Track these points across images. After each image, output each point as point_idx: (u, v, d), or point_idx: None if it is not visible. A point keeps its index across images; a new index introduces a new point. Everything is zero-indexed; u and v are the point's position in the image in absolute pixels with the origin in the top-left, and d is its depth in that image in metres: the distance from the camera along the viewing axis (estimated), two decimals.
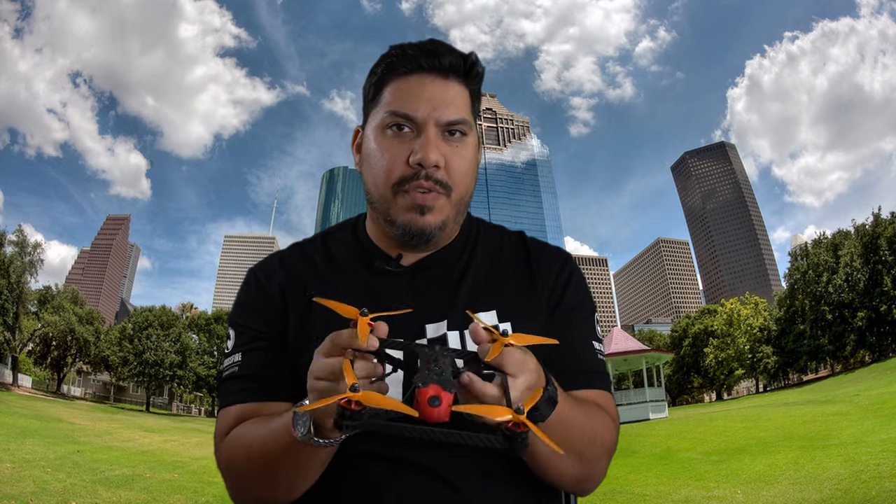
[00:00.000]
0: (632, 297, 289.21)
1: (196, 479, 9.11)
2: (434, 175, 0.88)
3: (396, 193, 0.89)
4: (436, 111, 0.88)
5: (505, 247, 1.03)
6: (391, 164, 0.89)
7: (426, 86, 0.89)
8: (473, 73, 0.93)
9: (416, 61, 0.89)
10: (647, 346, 31.74)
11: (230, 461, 0.88)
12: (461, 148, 0.91)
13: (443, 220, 0.91)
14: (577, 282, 1.01)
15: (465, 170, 0.91)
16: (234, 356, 0.95)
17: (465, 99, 0.92)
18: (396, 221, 0.91)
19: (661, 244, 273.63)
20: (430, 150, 0.86)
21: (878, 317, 34.98)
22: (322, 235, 1.05)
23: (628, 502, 6.92)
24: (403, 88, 0.89)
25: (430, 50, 0.90)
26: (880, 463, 6.78)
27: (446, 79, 0.90)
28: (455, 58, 0.90)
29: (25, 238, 37.70)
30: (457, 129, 0.90)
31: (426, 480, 0.83)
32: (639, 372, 29.73)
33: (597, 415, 0.88)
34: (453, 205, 0.92)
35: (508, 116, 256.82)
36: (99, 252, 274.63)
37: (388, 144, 0.89)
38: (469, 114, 0.92)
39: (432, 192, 0.89)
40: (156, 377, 42.50)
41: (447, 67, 0.90)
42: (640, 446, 12.42)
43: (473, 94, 0.94)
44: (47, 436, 13.68)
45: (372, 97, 0.94)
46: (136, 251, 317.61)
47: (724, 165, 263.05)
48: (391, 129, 0.89)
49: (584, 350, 0.96)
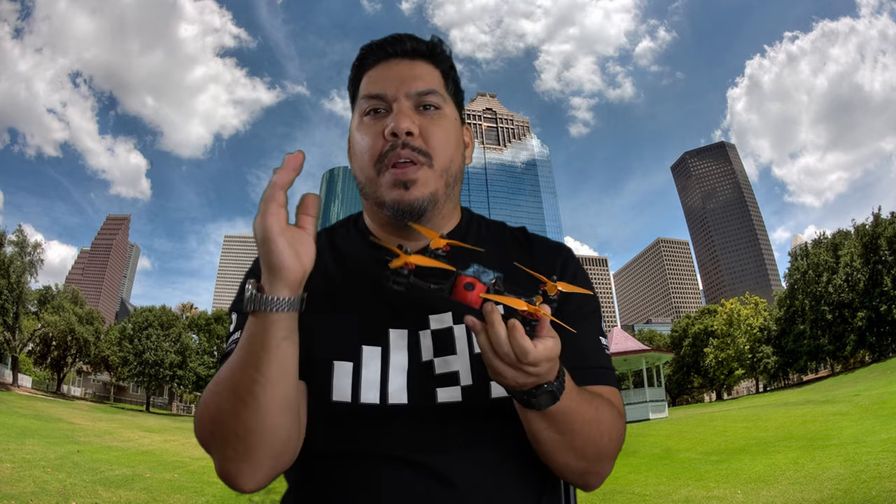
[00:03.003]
0: (632, 297, 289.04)
1: (196, 479, 9.10)
2: (410, 143, 0.88)
3: (379, 171, 0.90)
4: (404, 85, 0.91)
5: (508, 241, 1.03)
6: (371, 143, 0.91)
7: (393, 67, 0.94)
8: (438, 53, 0.97)
9: (383, 49, 0.95)
10: (647, 346, 31.76)
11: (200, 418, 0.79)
12: (437, 118, 0.92)
13: (431, 193, 0.90)
14: (581, 278, 1.01)
15: (444, 139, 0.92)
16: (235, 335, 0.93)
17: (435, 76, 0.95)
18: (385, 201, 0.91)
19: (661, 244, 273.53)
20: (401, 119, 0.88)
21: (878, 317, 34.94)
22: (326, 231, 1.06)
23: (628, 502, 6.92)
24: (374, 75, 0.95)
25: (393, 37, 0.95)
26: (880, 463, 6.78)
27: (413, 60, 0.95)
28: (418, 42, 0.95)
29: (25, 238, 37.69)
30: (429, 101, 0.92)
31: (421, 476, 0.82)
32: (639, 372, 29.73)
33: (605, 411, 0.87)
34: (438, 175, 0.91)
35: (508, 116, 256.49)
36: (99, 252, 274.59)
37: (367, 128, 0.92)
38: (441, 88, 0.95)
39: (413, 164, 0.89)
40: (156, 377, 42.46)
41: (411, 51, 0.95)
42: (640, 446, 12.41)
43: (445, 73, 0.97)
44: (47, 436, 13.67)
45: (352, 96, 0.99)
46: (136, 251, 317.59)
47: (724, 165, 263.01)
48: (368, 115, 0.93)
49: (590, 346, 0.96)
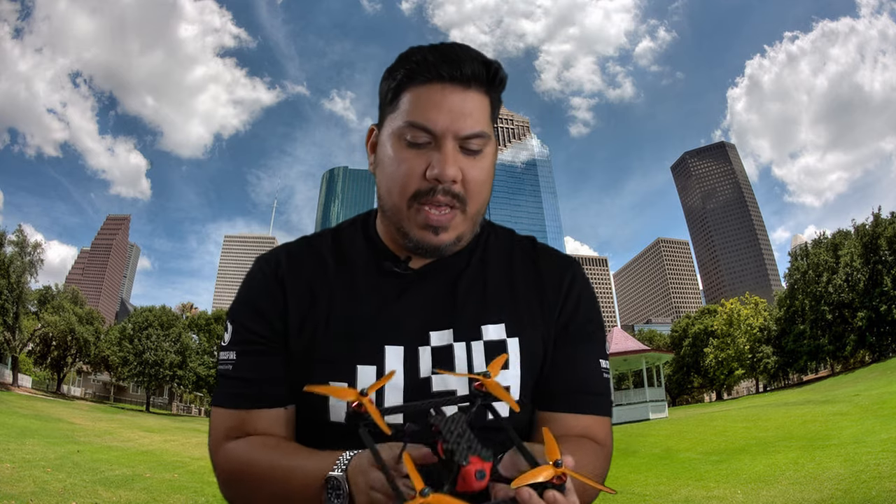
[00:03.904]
0: (632, 297, 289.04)
1: (196, 479, 9.10)
2: (451, 189, 0.86)
3: (411, 207, 0.88)
4: (454, 124, 0.85)
5: (516, 254, 1.01)
6: (407, 176, 0.87)
7: (446, 96, 0.86)
8: (496, 82, 0.89)
9: (436, 69, 0.85)
10: (647, 346, 31.73)
11: (233, 481, 0.88)
12: (479, 160, 0.88)
13: (457, 236, 0.91)
14: (588, 297, 1.00)
15: (482, 182, 0.90)
16: (229, 353, 0.94)
17: (485, 109, 0.89)
18: (410, 235, 0.90)
19: (661, 244, 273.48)
20: (448, 166, 0.84)
21: (878, 317, 34.94)
22: (332, 231, 1.04)
23: (628, 502, 6.92)
24: (423, 98, 0.86)
25: (451, 58, 0.86)
26: (880, 463, 6.77)
27: (467, 89, 0.87)
28: (477, 66, 0.86)
29: (25, 238, 37.68)
30: (475, 145, 0.87)
31: None
32: (639, 372, 29.73)
33: (588, 463, 0.86)
34: (468, 218, 0.90)
35: (508, 116, 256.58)
36: (99, 252, 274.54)
37: (405, 156, 0.87)
38: (488, 124, 0.90)
39: (448, 210, 0.88)
40: (156, 377, 42.44)
41: (468, 77, 0.86)
42: (640, 446, 12.41)
43: (494, 102, 0.91)
44: (47, 436, 13.66)
45: (390, 101, 0.91)
46: (136, 251, 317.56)
47: (724, 165, 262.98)
48: (410, 144, 0.87)
49: (588, 371, 0.95)
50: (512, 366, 0.91)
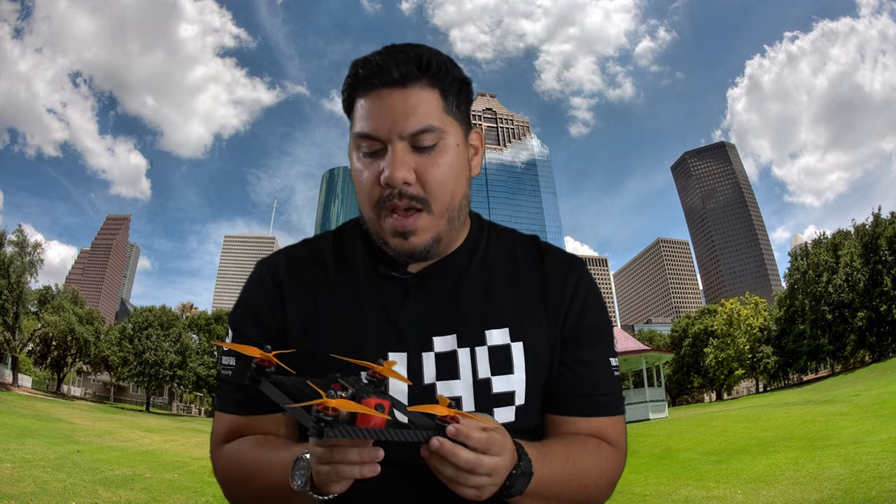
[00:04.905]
0: (632, 297, 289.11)
1: (196, 479, 9.10)
2: (407, 192, 0.84)
3: (379, 216, 0.88)
4: (397, 125, 0.84)
5: (519, 255, 0.99)
6: (368, 186, 0.87)
7: (385, 100, 0.85)
8: (432, 73, 0.86)
9: (369, 80, 0.85)
10: (647, 346, 31.77)
11: (227, 480, 0.92)
12: (436, 156, 0.85)
13: (431, 238, 0.88)
14: (594, 298, 0.98)
15: (443, 178, 0.86)
16: (230, 358, 0.95)
17: (431, 103, 0.86)
18: (389, 244, 0.89)
19: (661, 244, 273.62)
20: (395, 168, 0.83)
21: (878, 317, 34.94)
22: (333, 233, 1.03)
23: (628, 502, 6.91)
24: (366, 107, 0.86)
25: (380, 65, 0.85)
26: (880, 463, 6.77)
27: (405, 88, 0.85)
28: (408, 66, 0.84)
29: (25, 238, 37.69)
30: (425, 141, 0.85)
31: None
32: (639, 372, 29.71)
33: (587, 458, 0.87)
34: (438, 217, 0.87)
35: (508, 116, 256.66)
36: (99, 252, 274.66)
37: (363, 166, 0.87)
38: (439, 117, 0.86)
39: (410, 214, 0.86)
40: (156, 377, 42.45)
41: (401, 78, 0.84)
42: (640, 446, 12.41)
43: (445, 91, 0.87)
44: (47, 436, 13.66)
45: (348, 115, 0.92)
46: (136, 251, 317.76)
47: (724, 165, 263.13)
48: (364, 154, 0.87)
49: (598, 372, 0.94)
50: (517, 370, 0.90)
